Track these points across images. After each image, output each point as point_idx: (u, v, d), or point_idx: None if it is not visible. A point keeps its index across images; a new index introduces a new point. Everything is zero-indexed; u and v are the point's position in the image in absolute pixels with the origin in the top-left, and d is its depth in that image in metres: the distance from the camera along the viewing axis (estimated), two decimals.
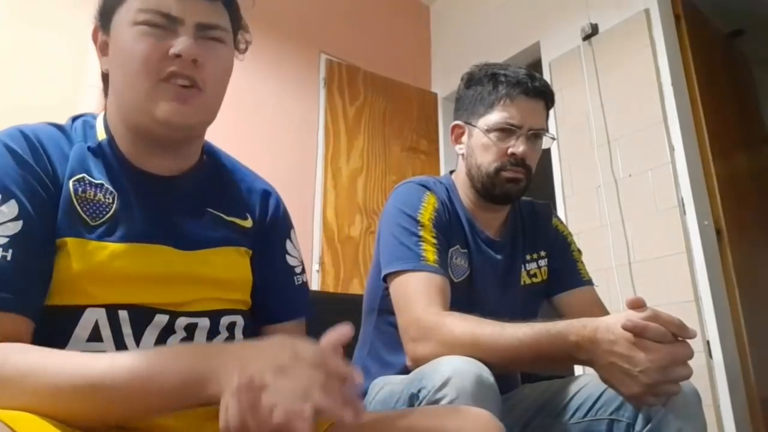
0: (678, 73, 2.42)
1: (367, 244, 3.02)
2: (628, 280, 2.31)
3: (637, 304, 0.83)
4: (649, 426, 0.88)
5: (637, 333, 0.79)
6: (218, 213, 0.79)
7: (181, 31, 0.71)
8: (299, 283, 0.87)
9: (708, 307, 2.10)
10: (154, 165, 0.75)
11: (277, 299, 0.84)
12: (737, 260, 2.28)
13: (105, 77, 0.79)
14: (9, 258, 0.61)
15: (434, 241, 1.06)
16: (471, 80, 1.20)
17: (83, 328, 0.65)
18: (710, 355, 2.05)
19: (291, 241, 0.89)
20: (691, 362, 0.81)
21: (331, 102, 3.15)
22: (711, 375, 2.03)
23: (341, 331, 0.56)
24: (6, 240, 0.61)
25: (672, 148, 2.30)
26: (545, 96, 1.16)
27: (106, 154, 0.74)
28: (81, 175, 0.70)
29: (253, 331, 0.83)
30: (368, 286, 1.24)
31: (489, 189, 1.14)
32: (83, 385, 0.54)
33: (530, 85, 1.13)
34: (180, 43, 0.69)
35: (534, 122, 1.13)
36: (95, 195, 0.70)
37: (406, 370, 0.97)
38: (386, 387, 1.00)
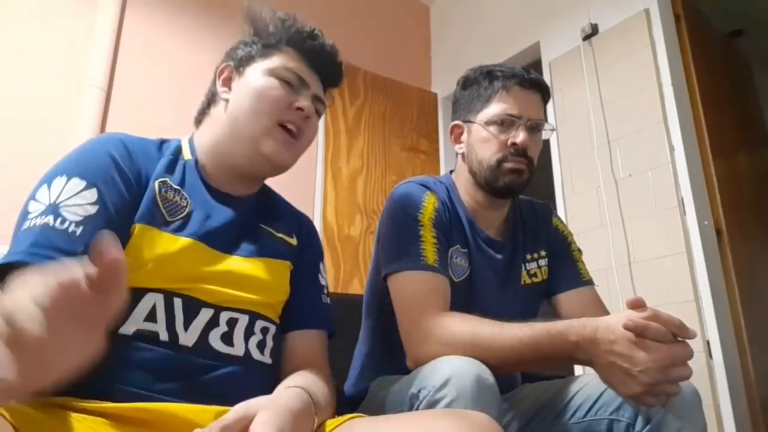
0: (678, 73, 2.41)
1: (367, 244, 3.02)
2: (628, 280, 2.31)
3: (638, 304, 0.83)
4: (648, 426, 0.88)
5: (638, 332, 0.80)
6: (269, 229, 0.93)
7: (304, 93, 0.89)
8: (326, 302, 0.98)
9: (708, 307, 2.10)
10: (227, 187, 0.89)
11: (307, 308, 0.94)
12: (737, 260, 2.28)
13: (207, 106, 0.94)
14: (79, 233, 0.70)
15: (434, 240, 1.06)
16: (467, 82, 1.21)
17: (142, 309, 0.73)
18: (710, 355, 2.05)
19: (323, 265, 1.02)
20: (691, 362, 0.82)
21: (331, 102, 3.15)
22: (711, 375, 2.03)
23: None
24: (80, 218, 0.71)
25: (672, 148, 2.30)
26: (540, 88, 1.17)
27: (189, 170, 0.87)
28: (164, 179, 0.83)
29: (281, 343, 0.90)
30: (368, 286, 1.24)
31: (492, 182, 1.14)
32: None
33: (525, 77, 1.14)
34: (305, 100, 0.89)
35: (532, 113, 1.14)
36: (173, 197, 0.82)
37: (406, 370, 0.97)
38: (386, 387, 1.00)
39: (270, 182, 0.99)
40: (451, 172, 1.28)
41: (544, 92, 1.18)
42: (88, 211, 0.72)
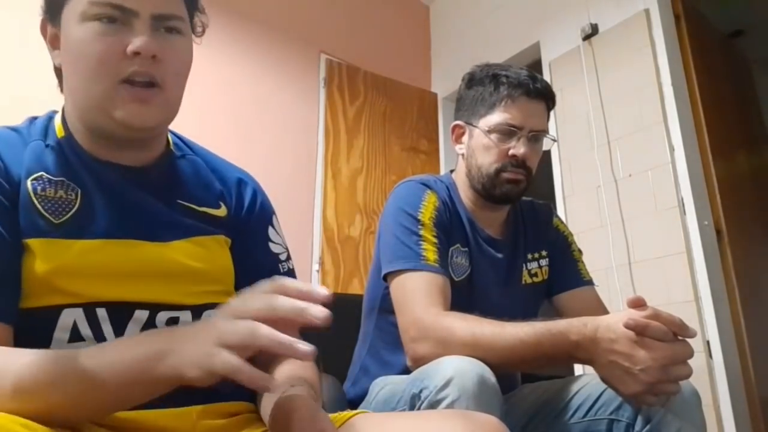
0: (678, 73, 2.42)
1: (367, 244, 3.02)
2: (628, 280, 2.31)
3: (638, 303, 0.83)
4: (648, 426, 0.88)
5: (639, 331, 0.80)
6: (189, 204, 0.76)
7: (137, 24, 0.67)
8: (285, 270, 0.84)
9: (708, 307, 2.10)
10: (116, 157, 0.73)
11: None
12: (737, 260, 2.28)
13: (58, 72, 0.75)
14: None
15: (435, 240, 1.06)
16: (472, 80, 1.20)
17: (62, 330, 0.63)
18: (710, 355, 2.05)
19: (273, 227, 0.86)
20: (691, 362, 0.82)
21: (331, 102, 3.15)
22: (711, 375, 2.03)
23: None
24: None
25: (672, 148, 2.30)
26: (546, 97, 1.16)
27: (66, 151, 0.71)
28: (39, 173, 0.67)
29: None
30: (368, 285, 1.24)
31: (489, 190, 1.14)
32: (44, 380, 0.52)
33: (531, 87, 1.13)
34: (138, 40, 0.65)
35: (535, 124, 1.13)
36: (56, 192, 0.67)
37: (406, 370, 0.96)
38: (387, 387, 1.00)
39: (270, 182, 0.96)
40: (452, 171, 1.28)
41: (549, 100, 1.17)
42: None
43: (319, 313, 0.48)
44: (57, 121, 0.74)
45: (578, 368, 2.15)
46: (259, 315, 0.49)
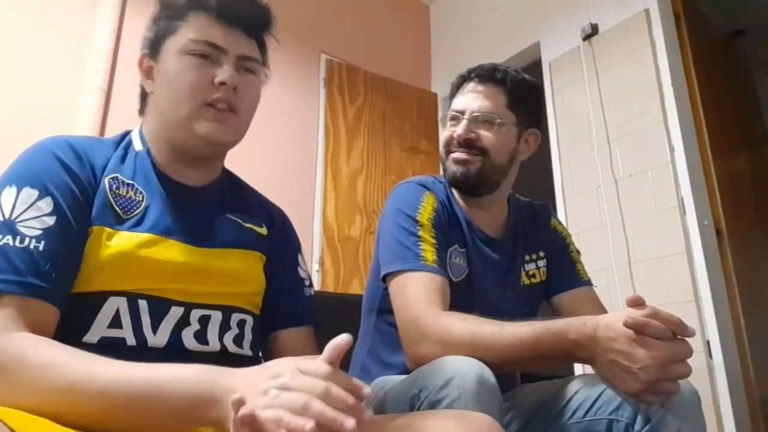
0: (678, 73, 2.42)
1: (367, 244, 3.02)
2: (628, 280, 2.31)
3: (637, 302, 0.83)
4: (648, 426, 0.87)
5: (638, 330, 0.80)
6: (236, 219, 0.88)
7: (224, 60, 0.81)
8: (308, 294, 0.94)
9: (708, 307, 2.10)
10: (183, 175, 0.85)
11: (288, 305, 0.91)
12: (737, 260, 2.28)
13: (143, 97, 0.88)
14: (41, 248, 0.66)
15: (433, 240, 1.06)
16: (452, 88, 1.25)
17: (105, 315, 0.69)
18: (710, 355, 2.05)
19: (301, 256, 0.97)
20: (691, 362, 0.82)
21: (331, 102, 3.15)
22: (711, 375, 2.03)
23: (340, 342, 0.55)
24: (40, 232, 0.67)
25: (672, 148, 2.30)
26: (503, 82, 1.18)
27: (142, 162, 0.83)
28: (115, 174, 0.78)
29: (262, 337, 0.88)
30: (368, 285, 1.24)
31: (446, 175, 1.19)
32: (97, 388, 0.56)
33: (478, 73, 1.19)
34: (225, 72, 0.80)
35: (476, 106, 1.16)
36: (127, 192, 0.78)
37: (406, 370, 0.97)
38: (387, 387, 1.00)
39: (270, 182, 0.98)
40: None
41: (499, 85, 1.19)
42: (45, 223, 0.68)
43: (350, 425, 0.49)
44: (135, 137, 0.86)
45: (578, 368, 2.15)
46: (315, 391, 0.51)
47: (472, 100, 1.17)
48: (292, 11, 3.10)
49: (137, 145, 0.85)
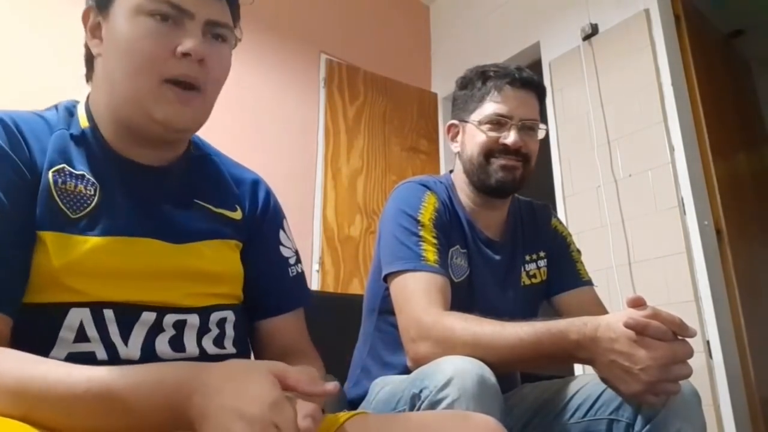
0: (678, 73, 2.42)
1: (367, 244, 3.02)
2: (628, 280, 2.31)
3: (638, 303, 0.83)
4: (648, 426, 0.87)
5: (639, 330, 0.80)
6: (206, 205, 0.77)
7: (189, 26, 0.68)
8: (294, 273, 0.86)
9: (708, 307, 2.10)
10: (139, 155, 0.73)
11: (273, 292, 0.83)
12: (737, 260, 2.28)
13: (89, 60, 0.74)
14: None
15: (434, 241, 1.06)
16: (463, 81, 1.22)
17: (69, 329, 0.62)
18: (710, 355, 2.05)
19: (284, 230, 0.87)
20: (691, 362, 0.82)
21: (331, 102, 3.15)
22: (711, 375, 2.03)
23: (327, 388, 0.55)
24: None
25: (672, 148, 2.30)
26: (534, 86, 1.17)
27: (89, 143, 0.70)
28: (61, 166, 0.67)
29: (247, 325, 0.82)
30: (368, 285, 1.24)
31: (484, 180, 1.14)
32: (62, 398, 0.52)
33: (517, 76, 1.15)
34: (190, 41, 0.67)
35: (524, 113, 1.14)
36: (76, 186, 0.67)
37: (406, 370, 0.96)
38: (387, 387, 1.00)
39: (270, 182, 0.97)
40: (451, 171, 1.28)
41: (537, 90, 1.18)
42: None
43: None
44: (80, 110, 0.73)
45: (578, 368, 2.15)
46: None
47: (518, 106, 1.14)
48: (292, 11, 3.10)
49: (83, 122, 0.72)
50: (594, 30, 2.66)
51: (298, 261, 0.88)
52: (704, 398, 0.94)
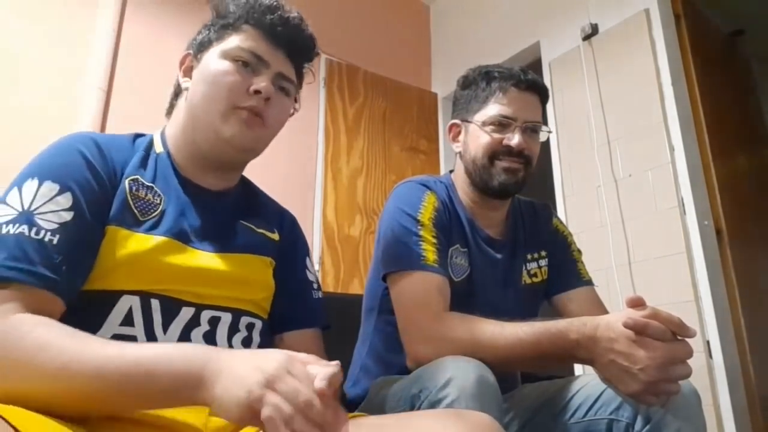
0: (678, 73, 2.41)
1: (367, 244, 3.02)
2: (628, 280, 2.31)
3: (637, 303, 0.83)
4: (648, 426, 0.88)
5: (639, 330, 0.80)
6: (249, 225, 0.90)
7: (264, 72, 0.83)
8: (317, 297, 0.96)
9: (708, 307, 2.10)
10: (202, 178, 0.86)
11: (296, 307, 0.92)
12: (737, 260, 2.28)
13: (176, 95, 0.90)
14: (55, 242, 0.67)
15: (434, 240, 1.06)
16: (466, 81, 1.22)
17: (118, 313, 0.71)
18: (710, 355, 2.05)
19: (309, 259, 0.99)
20: (691, 362, 0.82)
21: (331, 102, 3.15)
22: (711, 375, 2.03)
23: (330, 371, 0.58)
24: (56, 226, 0.68)
25: (672, 148, 2.30)
26: (537, 89, 1.17)
27: (162, 164, 0.84)
28: (135, 177, 0.80)
29: (270, 339, 0.89)
30: (368, 285, 1.24)
31: (486, 181, 1.14)
32: (89, 369, 0.57)
33: (522, 78, 1.15)
34: (262, 81, 0.82)
35: (528, 115, 1.14)
36: (146, 195, 0.79)
37: (406, 370, 0.97)
38: (387, 387, 1.00)
39: (270, 182, 0.99)
40: (451, 171, 1.28)
41: (541, 93, 1.18)
42: (62, 218, 0.69)
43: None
44: (156, 138, 0.88)
45: (578, 368, 2.15)
46: (296, 400, 0.53)
47: (522, 107, 1.14)
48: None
49: (158, 148, 0.86)
50: (594, 30, 2.66)
51: (320, 289, 0.98)
52: (704, 398, 0.94)
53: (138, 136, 0.88)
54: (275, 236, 0.93)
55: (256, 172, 0.98)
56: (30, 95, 2.21)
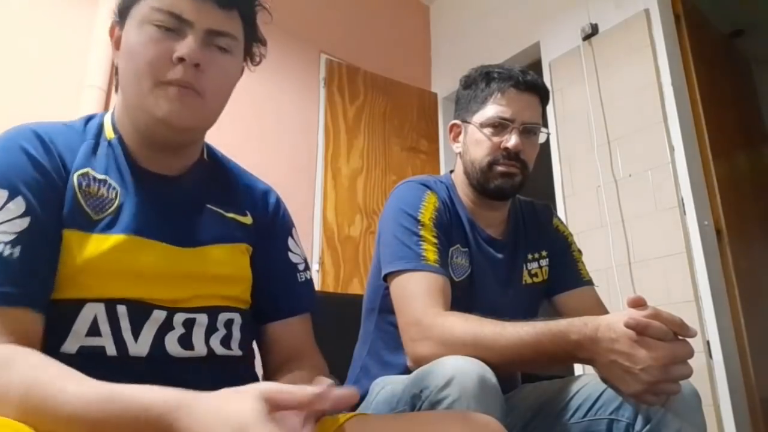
0: (678, 73, 2.41)
1: (367, 244, 3.02)
2: (628, 280, 2.31)
3: (638, 303, 0.83)
4: (648, 426, 0.88)
5: (640, 330, 0.80)
6: (218, 209, 0.81)
7: (190, 34, 0.71)
8: (302, 279, 0.88)
9: (708, 307, 2.10)
10: (158, 164, 0.77)
11: (280, 295, 0.85)
12: (737, 260, 2.28)
13: (117, 71, 0.79)
14: (17, 254, 0.62)
15: (435, 240, 1.06)
16: (467, 81, 1.22)
17: (82, 323, 0.65)
18: (710, 355, 2.05)
19: (293, 238, 0.90)
20: (691, 362, 0.82)
21: (331, 102, 3.15)
22: (711, 375, 2.03)
23: (343, 396, 0.54)
24: (14, 236, 0.63)
25: (672, 148, 2.30)
26: (537, 90, 1.17)
27: (114, 152, 0.75)
28: (85, 170, 0.72)
29: (254, 329, 0.84)
30: (368, 285, 1.24)
31: (483, 184, 1.14)
32: (66, 411, 0.53)
33: (521, 79, 1.14)
34: (184, 46, 0.70)
35: (527, 116, 1.14)
36: (98, 190, 0.71)
37: (407, 370, 0.96)
38: (387, 387, 1.00)
39: (269, 182, 0.97)
40: (451, 171, 1.28)
41: (541, 94, 1.18)
42: (19, 226, 0.63)
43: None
44: (107, 121, 0.78)
45: (578, 368, 2.15)
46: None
47: (521, 109, 1.13)
48: (292, 11, 3.09)
49: (109, 132, 0.77)
50: (594, 30, 2.66)
51: (307, 268, 0.90)
52: (704, 398, 0.94)
53: (89, 119, 0.79)
54: (248, 219, 0.84)
55: (255, 171, 0.97)
56: (30, 95, 2.21)
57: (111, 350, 0.66)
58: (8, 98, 2.15)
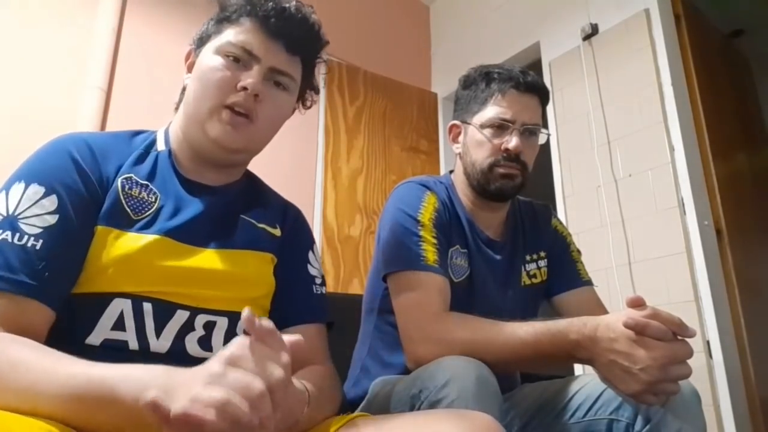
0: (678, 73, 2.41)
1: (367, 244, 3.02)
2: (628, 280, 2.31)
3: (638, 303, 0.83)
4: (648, 426, 0.88)
5: (639, 330, 0.80)
6: (250, 219, 0.87)
7: (255, 69, 0.80)
8: (318, 292, 0.92)
9: (708, 307, 2.10)
10: (201, 177, 0.84)
11: (296, 303, 0.89)
12: (737, 260, 2.28)
13: (183, 91, 0.88)
14: (38, 247, 0.66)
15: (434, 241, 1.06)
16: (467, 81, 1.22)
17: (109, 317, 0.69)
18: (710, 355, 2.05)
19: (313, 253, 0.95)
20: (691, 362, 0.82)
21: (331, 102, 3.15)
22: (711, 375, 2.03)
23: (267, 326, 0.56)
24: (40, 231, 0.67)
25: (672, 148, 2.30)
26: (538, 91, 1.16)
27: (161, 162, 0.82)
28: (129, 174, 0.78)
29: None
30: (368, 285, 1.24)
31: (484, 185, 1.14)
32: (54, 388, 0.55)
33: (522, 80, 1.14)
34: (249, 77, 0.79)
35: (527, 117, 1.14)
36: (139, 193, 0.77)
37: (406, 370, 0.97)
38: (387, 387, 1.00)
39: (269, 182, 0.98)
40: (451, 172, 1.28)
41: (541, 94, 1.18)
42: (47, 222, 0.68)
43: None
44: (160, 136, 0.86)
45: (578, 368, 2.15)
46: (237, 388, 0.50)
47: (521, 110, 1.13)
48: None
49: (160, 145, 0.85)
50: (594, 30, 2.66)
51: (324, 284, 0.95)
52: (704, 398, 0.94)
53: (138, 133, 0.86)
54: (277, 231, 0.90)
55: (255, 171, 0.98)
56: (30, 95, 2.21)
57: (133, 345, 0.69)
58: (8, 98, 2.15)
